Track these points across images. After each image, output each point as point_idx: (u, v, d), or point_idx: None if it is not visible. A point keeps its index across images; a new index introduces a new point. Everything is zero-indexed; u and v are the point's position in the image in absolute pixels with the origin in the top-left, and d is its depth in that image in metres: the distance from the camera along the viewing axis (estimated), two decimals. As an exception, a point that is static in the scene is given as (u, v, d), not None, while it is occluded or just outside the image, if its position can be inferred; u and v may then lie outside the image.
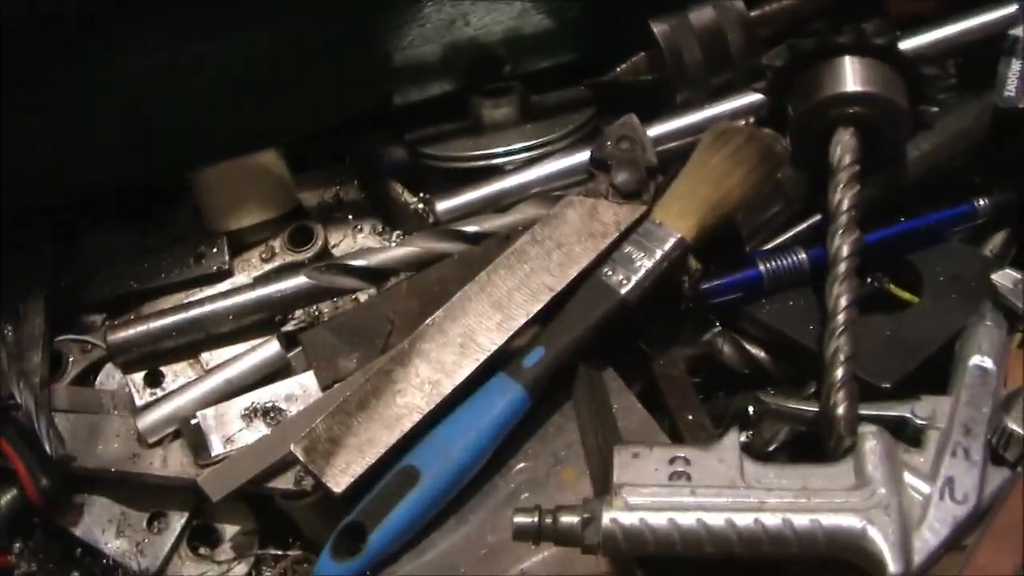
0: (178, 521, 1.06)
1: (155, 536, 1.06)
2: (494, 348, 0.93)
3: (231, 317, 1.05)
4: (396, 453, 0.91)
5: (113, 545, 1.05)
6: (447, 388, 0.92)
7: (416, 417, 0.91)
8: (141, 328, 1.06)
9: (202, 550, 1.07)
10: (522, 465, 0.93)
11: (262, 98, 1.12)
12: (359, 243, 1.15)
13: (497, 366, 0.94)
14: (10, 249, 1.12)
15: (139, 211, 1.19)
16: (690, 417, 0.96)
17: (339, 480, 0.90)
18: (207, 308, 1.06)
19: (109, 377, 1.12)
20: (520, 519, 0.80)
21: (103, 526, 1.06)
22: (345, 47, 1.11)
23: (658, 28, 1.09)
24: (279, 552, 1.04)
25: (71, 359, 1.12)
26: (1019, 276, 0.95)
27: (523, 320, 0.94)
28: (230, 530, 1.06)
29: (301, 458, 0.91)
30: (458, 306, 0.96)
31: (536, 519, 0.80)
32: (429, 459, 0.90)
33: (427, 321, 0.95)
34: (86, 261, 1.17)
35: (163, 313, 1.07)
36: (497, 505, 0.91)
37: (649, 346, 1.00)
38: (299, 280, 1.04)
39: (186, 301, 1.09)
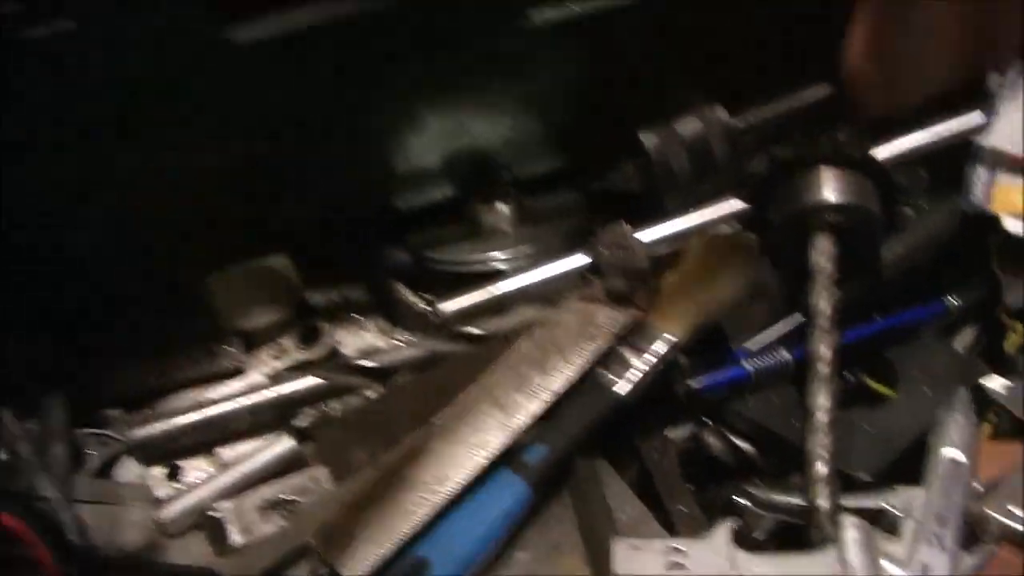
0: None
1: None
2: (498, 446, 0.99)
3: (247, 416, 1.10)
4: (406, 544, 0.96)
5: None
6: (455, 484, 0.98)
7: (426, 511, 0.97)
8: (161, 426, 1.11)
9: (219, 636, 1.11)
10: (522, 554, 0.98)
11: (266, 203, 1.18)
12: (366, 341, 1.21)
13: (500, 461, 1.00)
14: (30, 346, 1.18)
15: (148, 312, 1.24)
16: (681, 508, 1.02)
17: (354, 569, 0.95)
18: (224, 408, 1.11)
19: (127, 469, 1.16)
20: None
21: None
22: (349, 155, 1.17)
23: (648, 140, 1.15)
24: None
25: (89, 452, 1.17)
26: (1006, 382, 1.02)
27: (525, 420, 1.00)
28: None
29: (317, 548, 0.96)
30: (463, 406, 1.01)
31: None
32: (438, 550, 0.95)
33: (434, 420, 1.01)
34: (102, 357, 1.21)
35: (182, 412, 1.13)
36: (500, 594, 0.96)
37: (640, 438, 1.06)
38: (312, 380, 1.10)
39: (204, 399, 1.15)
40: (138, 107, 1.06)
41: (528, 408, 1.01)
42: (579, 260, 1.13)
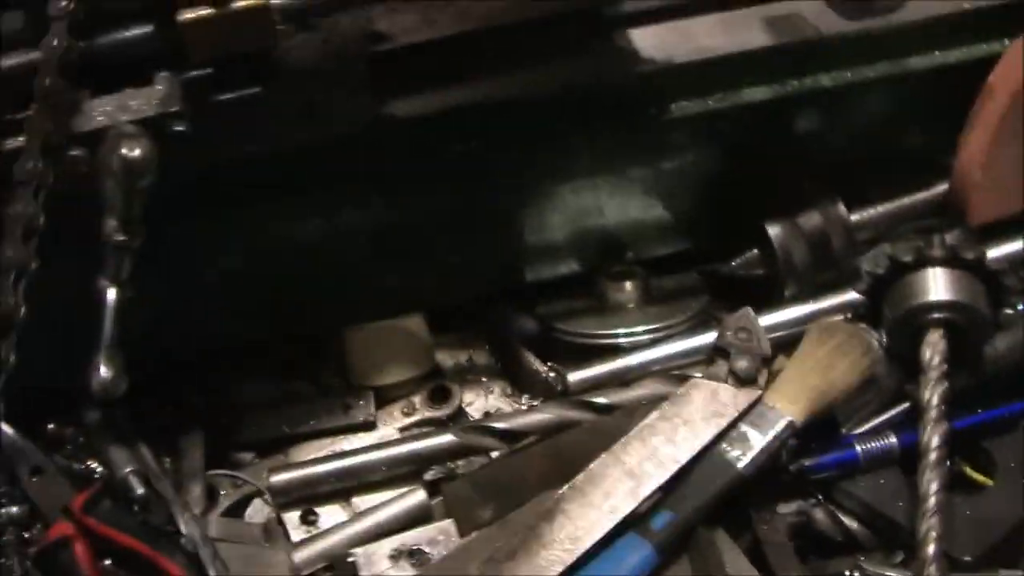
0: None
1: None
2: (628, 511, 1.05)
3: (383, 468, 1.17)
4: (540, 601, 1.03)
5: None
6: (586, 545, 1.04)
7: (559, 569, 1.03)
8: (301, 473, 1.18)
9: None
10: (650, 614, 1.04)
11: (404, 269, 1.25)
12: (490, 404, 1.27)
13: (628, 525, 1.06)
14: (172, 391, 1.25)
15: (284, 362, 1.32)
16: (793, 577, 1.08)
17: (492, 622, 1.02)
18: (362, 459, 1.18)
19: (257, 511, 1.22)
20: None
21: None
22: (486, 227, 1.24)
23: (773, 231, 1.22)
24: None
25: (223, 492, 1.23)
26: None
27: (653, 488, 1.06)
28: None
29: (459, 600, 1.03)
30: (597, 472, 1.08)
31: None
32: (570, 607, 1.02)
33: (569, 484, 1.07)
34: (238, 405, 1.28)
35: (321, 461, 1.20)
36: (625, 649, 1.02)
37: (754, 510, 1.12)
38: (447, 438, 1.17)
39: (340, 450, 1.22)
40: (301, 172, 1.13)
41: (656, 477, 1.07)
42: (703, 340, 1.19)
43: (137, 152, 0.94)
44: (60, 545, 1.14)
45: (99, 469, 1.24)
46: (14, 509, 1.23)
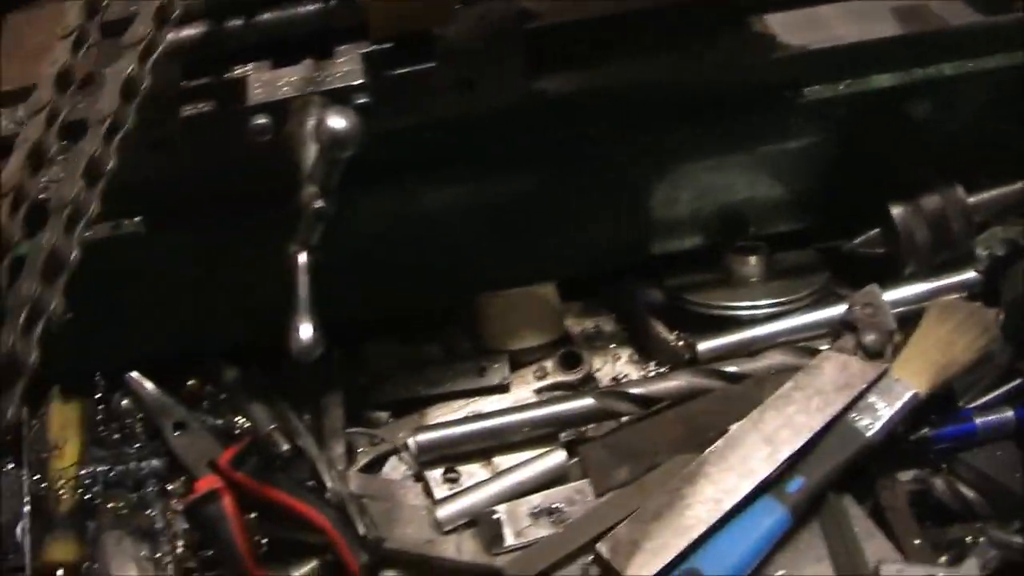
0: None
1: None
2: (765, 475, 1.11)
3: (525, 429, 1.22)
4: (682, 556, 1.09)
5: None
6: (726, 506, 1.10)
7: (701, 528, 1.09)
8: (445, 433, 1.24)
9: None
10: (780, 573, 1.10)
11: (539, 241, 1.31)
12: (618, 369, 1.33)
13: (763, 489, 1.12)
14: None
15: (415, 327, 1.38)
16: (916, 542, 1.14)
17: (638, 576, 1.08)
18: (504, 420, 1.23)
19: (394, 469, 1.28)
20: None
21: None
22: (620, 202, 1.31)
23: (896, 211, 1.27)
24: None
25: (359, 450, 1.29)
26: None
27: (788, 454, 1.12)
28: None
29: (606, 556, 1.09)
30: (736, 438, 1.14)
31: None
32: (710, 565, 1.07)
33: (709, 448, 1.13)
34: (374, 366, 1.34)
35: (464, 421, 1.25)
36: (761, 608, 1.09)
37: (876, 478, 1.18)
38: (586, 402, 1.22)
39: (481, 412, 1.28)
40: (454, 144, 1.19)
41: (791, 444, 1.13)
42: (826, 315, 1.25)
43: (344, 124, 0.97)
44: (209, 498, 1.20)
45: (241, 424, 1.30)
46: (155, 462, 1.30)
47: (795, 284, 1.32)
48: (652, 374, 1.32)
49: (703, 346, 1.26)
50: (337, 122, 0.97)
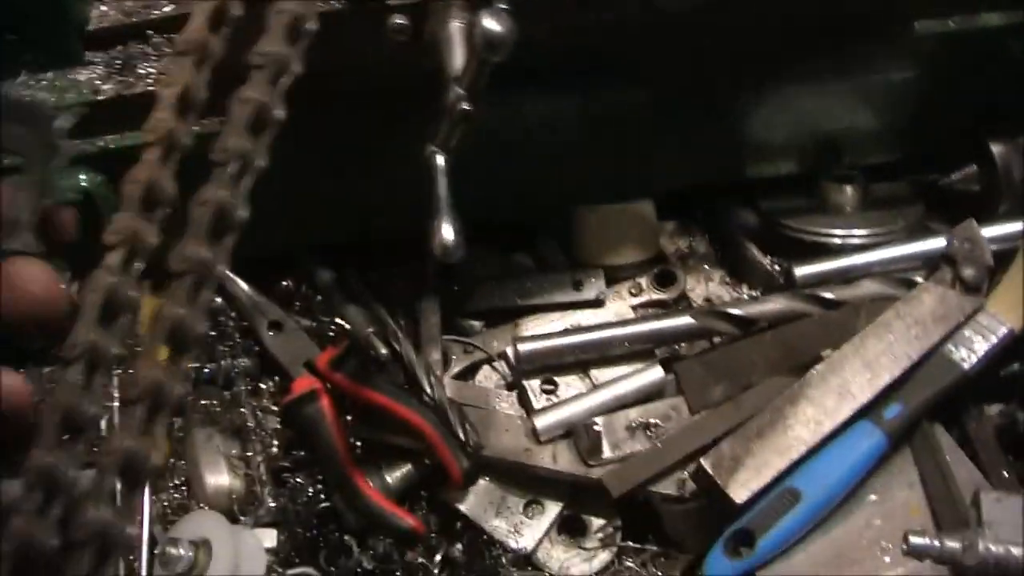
0: (553, 509, 1.21)
1: (530, 520, 1.21)
2: (864, 400, 1.14)
3: (625, 344, 1.25)
4: (782, 475, 1.12)
5: (492, 524, 1.21)
6: (827, 427, 1.13)
7: (802, 449, 1.12)
8: (547, 344, 1.26)
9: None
10: (874, 497, 1.13)
11: (635, 155, 1.32)
12: (711, 290, 1.36)
13: (860, 414, 1.15)
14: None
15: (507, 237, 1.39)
16: (1004, 474, 1.17)
17: (739, 493, 1.10)
18: (605, 334, 1.26)
19: (486, 377, 1.31)
20: (915, 539, 1.02)
21: (485, 506, 1.21)
22: (722, 121, 1.32)
23: (996, 149, 1.29)
24: (639, 546, 1.21)
25: (453, 357, 1.31)
26: None
27: (888, 380, 1.15)
28: (596, 523, 1.22)
29: (709, 470, 1.11)
30: (837, 362, 1.16)
31: (927, 540, 1.01)
32: (809, 484, 1.10)
33: (812, 370, 1.16)
34: (468, 275, 1.35)
35: (565, 333, 1.28)
36: (856, 526, 1.11)
37: (965, 410, 1.21)
38: (685, 320, 1.24)
39: (580, 325, 1.30)
40: (569, 55, 1.19)
41: (891, 371, 1.16)
42: (920, 247, 1.28)
43: (500, 27, 0.96)
44: (307, 398, 1.22)
45: (336, 327, 1.29)
46: (245, 361, 1.31)
47: (890, 215, 1.34)
48: (748, 297, 1.33)
49: (800, 271, 1.28)
50: (492, 24, 0.96)
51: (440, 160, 1.04)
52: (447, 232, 1.00)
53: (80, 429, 0.75)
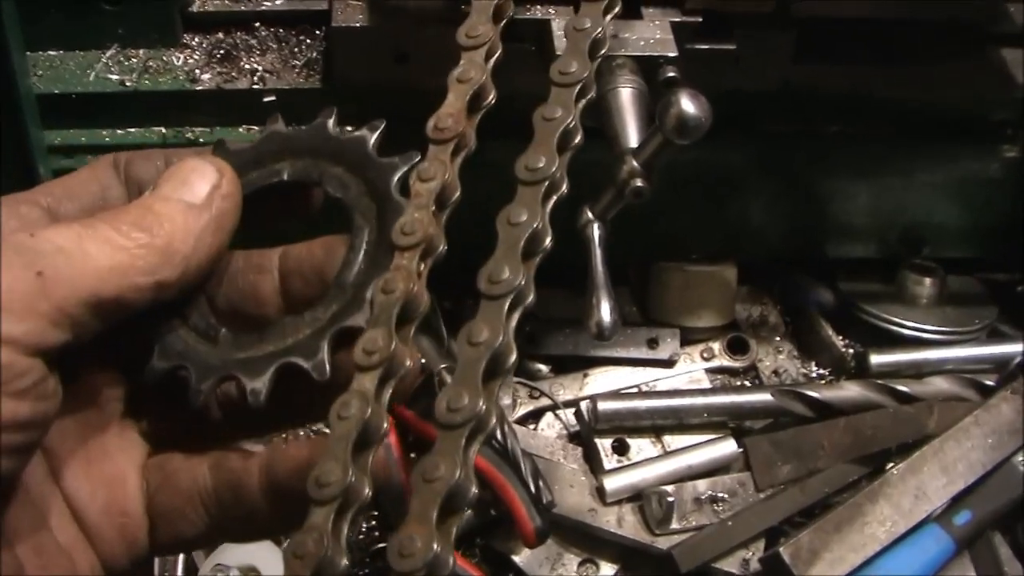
0: (607, 571, 1.21)
1: None
2: (939, 504, 1.16)
3: (704, 415, 1.25)
4: (855, 571, 1.13)
5: None
6: (901, 528, 1.15)
7: (876, 547, 1.13)
8: (627, 404, 1.25)
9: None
10: (930, 601, 1.16)
11: (722, 218, 1.33)
12: (779, 363, 1.36)
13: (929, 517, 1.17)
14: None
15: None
16: (1056, 588, 1.20)
17: (815, 585, 1.12)
18: (686, 401, 1.26)
19: (549, 425, 1.29)
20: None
21: (541, 561, 1.20)
22: (804, 196, 1.32)
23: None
24: None
25: (519, 400, 1.30)
26: None
27: (962, 487, 1.17)
28: None
29: (788, 561, 1.13)
30: (916, 463, 1.18)
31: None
32: (881, 584, 1.13)
33: (891, 470, 1.17)
34: (541, 317, 1.34)
35: (646, 396, 1.28)
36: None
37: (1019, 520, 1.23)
38: (764, 397, 1.25)
39: (660, 389, 1.30)
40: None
41: (966, 478, 1.18)
42: (993, 351, 1.30)
43: (698, 112, 0.92)
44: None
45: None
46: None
47: (966, 314, 1.36)
48: (816, 375, 1.36)
49: (875, 359, 1.29)
50: (690, 108, 0.91)
51: (597, 231, 1.00)
52: (605, 312, 0.97)
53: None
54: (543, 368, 1.33)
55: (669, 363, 1.33)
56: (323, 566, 0.64)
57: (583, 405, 1.26)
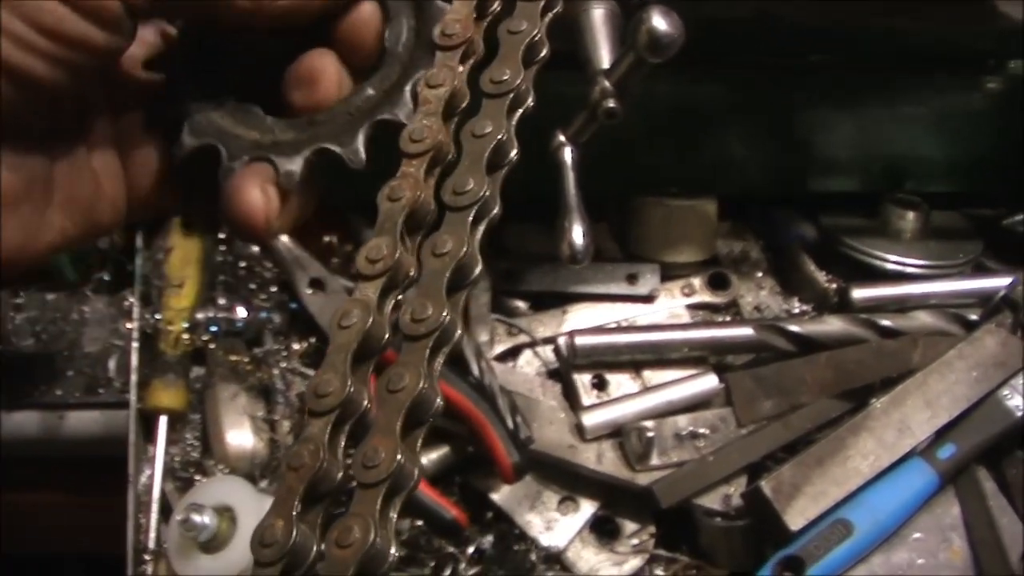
0: (587, 509, 1.19)
1: (564, 518, 1.19)
2: (923, 438, 1.14)
3: (685, 349, 1.23)
4: (837, 505, 1.11)
5: (526, 518, 1.19)
6: (885, 462, 1.13)
7: (859, 481, 1.12)
8: (605, 339, 1.23)
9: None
10: (918, 535, 1.13)
11: (702, 153, 1.31)
12: (760, 299, 1.34)
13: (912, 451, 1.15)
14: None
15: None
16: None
17: (796, 520, 1.10)
18: (666, 336, 1.24)
19: (527, 362, 1.28)
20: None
21: (520, 500, 1.19)
22: (784, 132, 1.31)
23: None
24: (671, 555, 1.19)
25: (496, 337, 1.27)
26: None
27: (946, 420, 1.15)
28: (629, 527, 1.21)
29: (769, 495, 1.11)
30: (899, 397, 1.16)
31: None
32: (862, 517, 1.10)
33: (874, 403, 1.15)
34: (520, 254, 1.32)
35: (626, 331, 1.26)
36: (899, 563, 1.12)
37: (1005, 456, 1.21)
38: (746, 331, 1.23)
39: (643, 324, 1.29)
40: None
41: (949, 412, 1.16)
42: (977, 284, 1.28)
43: (670, 29, 0.88)
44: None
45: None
46: (276, 318, 1.26)
47: (950, 248, 1.34)
48: (798, 311, 1.34)
49: (857, 293, 1.28)
50: (662, 24, 0.88)
51: (569, 154, 0.98)
52: (577, 235, 0.95)
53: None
54: (521, 305, 1.31)
55: (649, 299, 1.31)
56: (319, 479, 0.63)
57: (561, 340, 1.23)
